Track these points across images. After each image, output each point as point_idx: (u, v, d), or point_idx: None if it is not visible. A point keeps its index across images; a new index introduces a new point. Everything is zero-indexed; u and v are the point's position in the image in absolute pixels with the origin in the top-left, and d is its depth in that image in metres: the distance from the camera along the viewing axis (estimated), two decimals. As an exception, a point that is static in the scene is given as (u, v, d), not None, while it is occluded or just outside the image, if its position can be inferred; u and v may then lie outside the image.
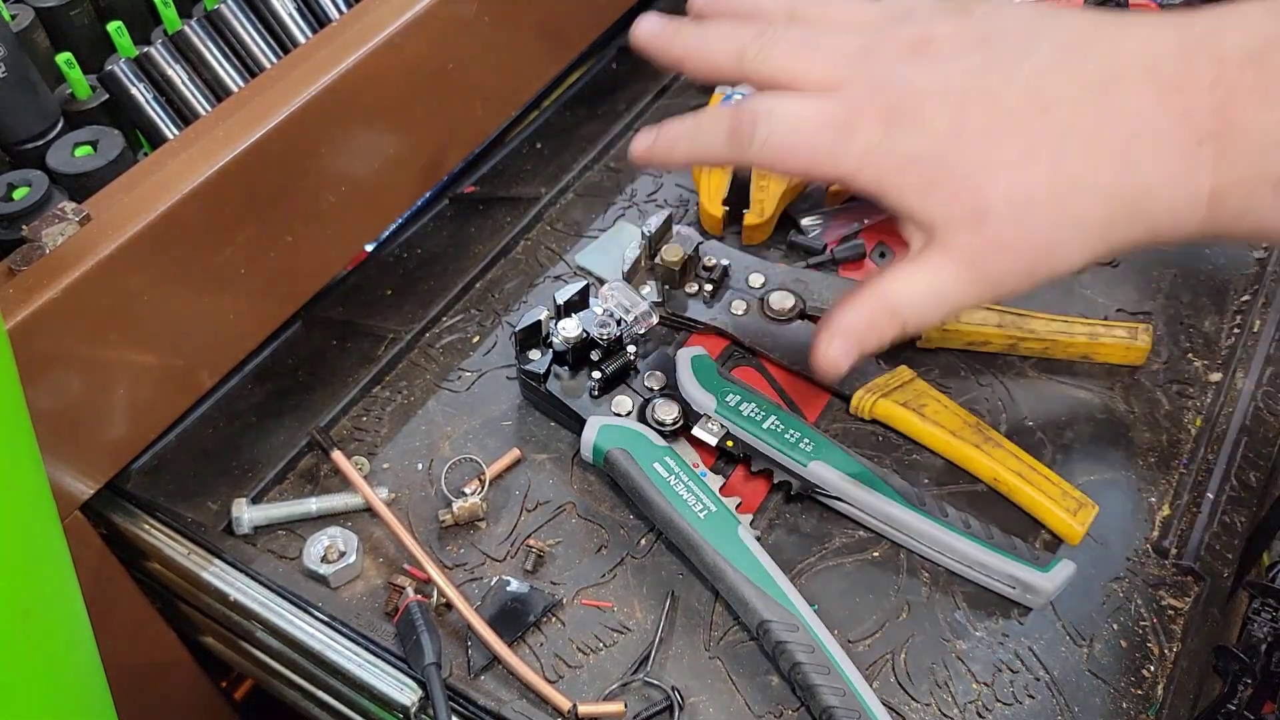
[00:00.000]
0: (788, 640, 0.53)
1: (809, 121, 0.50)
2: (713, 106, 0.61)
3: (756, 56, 0.52)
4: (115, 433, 0.60)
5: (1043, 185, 0.46)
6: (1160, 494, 0.62)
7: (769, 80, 0.52)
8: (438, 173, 0.78)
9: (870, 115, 0.49)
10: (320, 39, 0.68)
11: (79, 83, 0.67)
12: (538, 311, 0.66)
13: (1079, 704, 0.54)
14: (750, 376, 0.69)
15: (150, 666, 0.72)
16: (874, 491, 0.59)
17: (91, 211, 0.57)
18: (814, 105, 0.50)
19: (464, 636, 0.57)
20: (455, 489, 0.63)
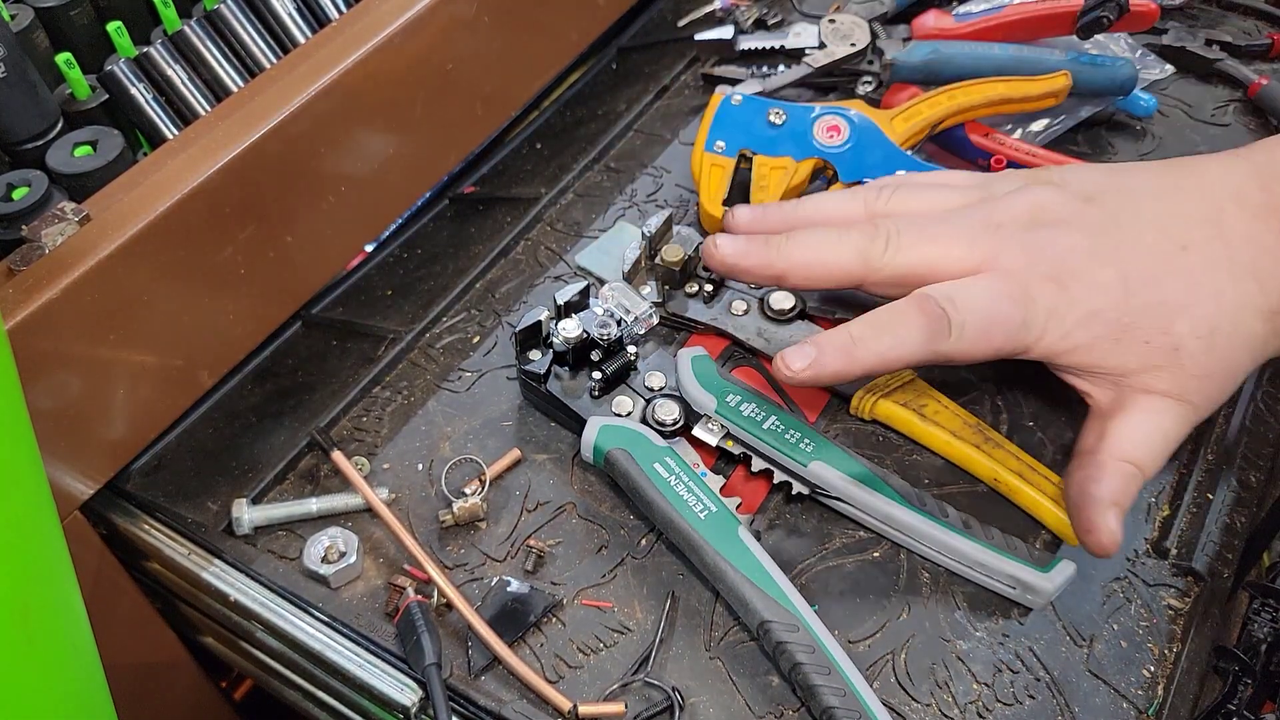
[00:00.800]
0: (788, 640, 0.53)
1: (995, 301, 0.53)
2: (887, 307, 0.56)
3: (884, 254, 0.56)
4: (115, 433, 0.60)
5: (1217, 314, 0.51)
6: (1160, 494, 0.62)
7: (904, 274, 0.55)
8: (438, 173, 0.78)
9: (1040, 282, 0.53)
10: (320, 39, 0.68)
11: (79, 83, 0.67)
12: (538, 312, 0.66)
13: (1079, 704, 0.54)
14: (750, 376, 0.69)
15: (150, 666, 0.72)
16: (874, 492, 0.58)
17: (91, 211, 0.57)
18: (987, 284, 0.53)
19: (464, 637, 0.57)
20: (455, 489, 0.63)
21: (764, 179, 0.71)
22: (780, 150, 0.71)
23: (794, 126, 0.71)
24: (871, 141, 0.71)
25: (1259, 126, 0.82)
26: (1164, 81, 0.86)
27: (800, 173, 0.70)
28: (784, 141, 0.71)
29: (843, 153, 0.70)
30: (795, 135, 0.71)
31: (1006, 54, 0.81)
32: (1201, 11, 0.92)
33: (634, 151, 0.86)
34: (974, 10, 0.85)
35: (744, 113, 0.72)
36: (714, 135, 0.72)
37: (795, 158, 0.71)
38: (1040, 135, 0.81)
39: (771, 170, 0.70)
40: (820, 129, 0.71)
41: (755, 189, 0.71)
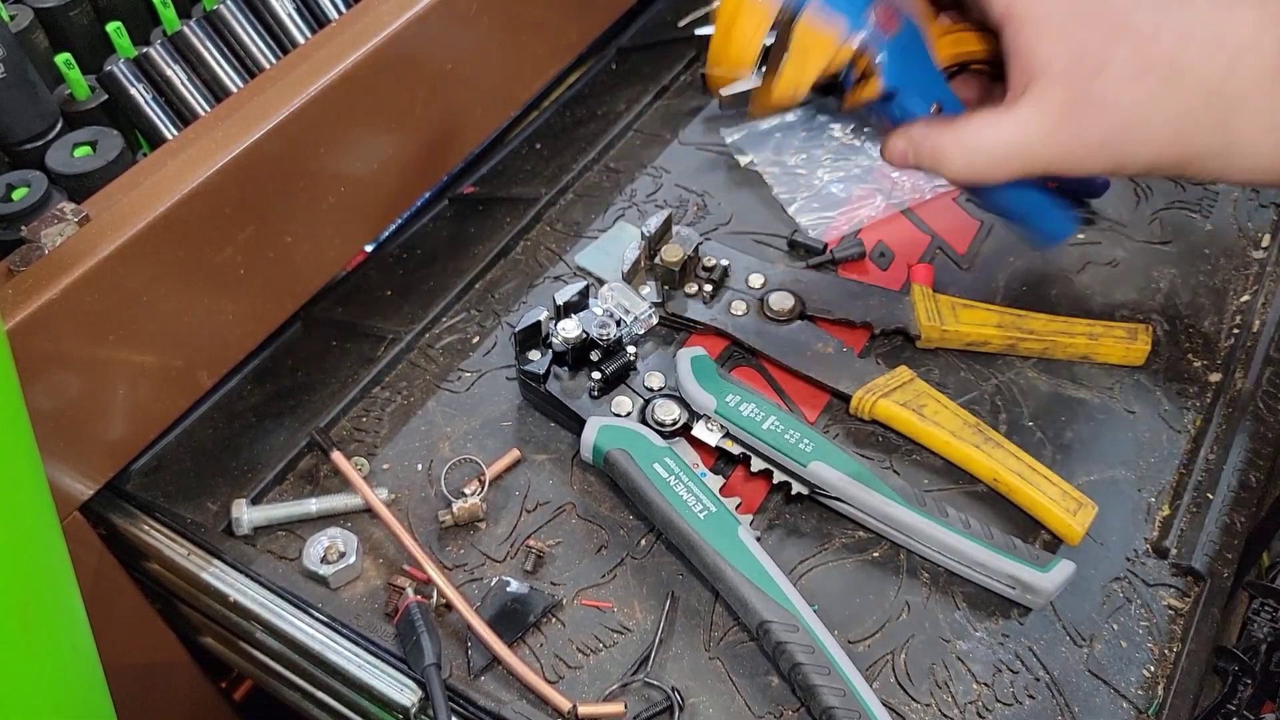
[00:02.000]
0: (788, 641, 0.53)
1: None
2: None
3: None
4: (115, 433, 0.60)
5: (1160, 61, 0.51)
6: (1160, 494, 0.62)
7: None
8: (437, 173, 0.78)
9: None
10: (319, 39, 0.68)
11: (78, 83, 0.67)
12: (537, 312, 0.66)
13: (1079, 704, 0.54)
14: (750, 377, 0.69)
15: (150, 667, 0.72)
16: (874, 492, 0.58)
17: (91, 212, 0.57)
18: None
19: (464, 637, 0.57)
20: (455, 489, 0.63)
21: (805, 46, 0.56)
22: (834, 13, 0.56)
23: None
24: (917, 51, 0.59)
25: (1259, 126, 0.82)
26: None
27: (842, 54, 0.57)
28: (840, 6, 0.56)
29: (889, 45, 0.57)
30: (852, 6, 0.57)
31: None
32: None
33: (633, 151, 0.86)
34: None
35: None
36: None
37: (846, 30, 0.56)
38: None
39: (815, 36, 0.56)
40: (875, 9, 0.57)
41: (793, 54, 0.56)
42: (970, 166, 0.56)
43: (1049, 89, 0.53)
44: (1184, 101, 0.51)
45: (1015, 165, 0.55)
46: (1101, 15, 0.52)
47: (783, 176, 0.81)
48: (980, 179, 0.57)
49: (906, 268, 0.74)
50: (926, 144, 0.57)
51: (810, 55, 0.56)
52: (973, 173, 0.56)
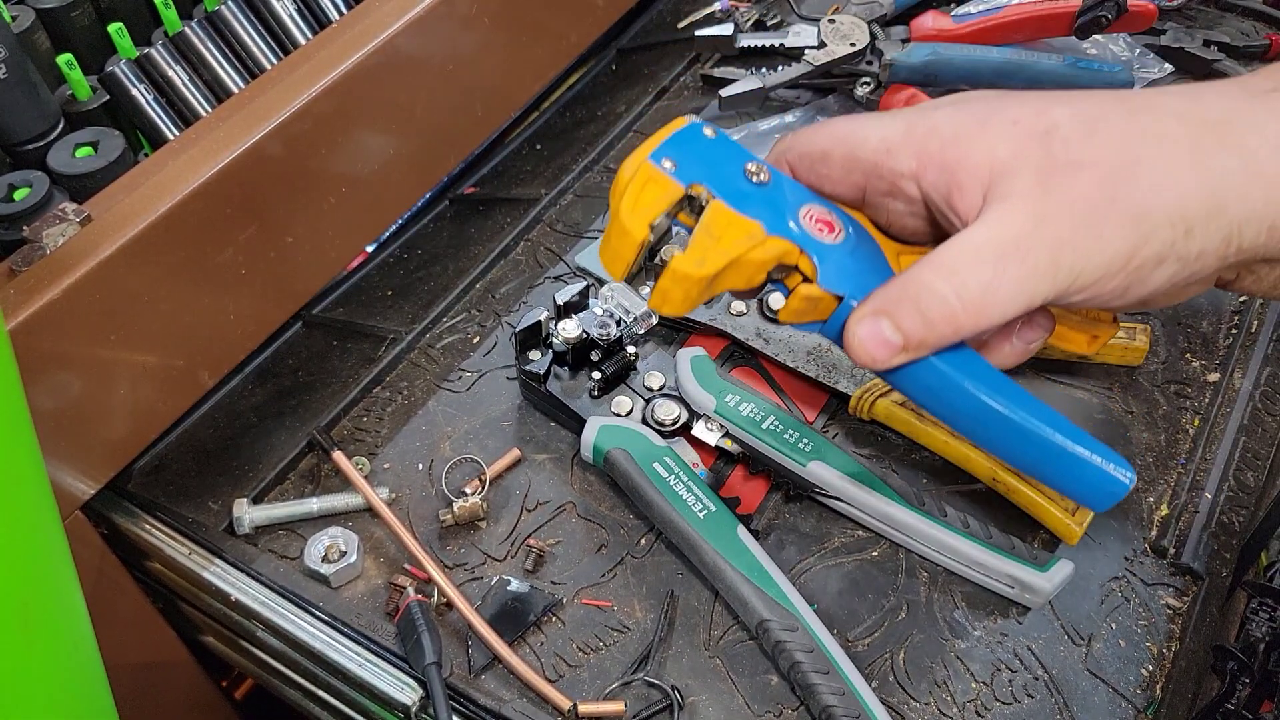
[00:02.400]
0: (787, 640, 0.53)
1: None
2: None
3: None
4: (116, 433, 0.60)
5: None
6: (1158, 494, 0.62)
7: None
8: (438, 173, 0.79)
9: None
10: (320, 40, 0.69)
11: (80, 84, 0.67)
12: (538, 312, 0.66)
13: (1077, 703, 0.54)
14: (750, 377, 0.69)
15: (150, 666, 0.72)
16: (873, 491, 0.59)
17: (92, 212, 0.57)
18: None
19: (464, 636, 0.57)
20: (455, 489, 0.64)
21: (718, 228, 0.45)
22: (749, 211, 0.46)
23: (776, 195, 0.47)
24: (869, 257, 0.48)
25: (1257, 127, 0.82)
26: (1163, 81, 0.86)
27: (768, 249, 0.45)
28: (757, 204, 0.46)
29: (831, 252, 0.46)
30: (774, 204, 0.47)
31: (1004, 57, 0.82)
32: (1199, 12, 0.92)
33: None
34: (972, 11, 0.86)
35: (716, 149, 0.47)
36: (666, 151, 0.46)
37: (768, 230, 0.45)
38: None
39: (731, 225, 0.45)
40: (808, 216, 0.47)
41: (700, 236, 0.45)
42: (961, 294, 0.41)
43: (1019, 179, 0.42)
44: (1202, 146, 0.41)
45: (1014, 274, 0.41)
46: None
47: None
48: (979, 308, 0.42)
49: (906, 268, 0.74)
50: (893, 300, 0.43)
51: (724, 237, 0.45)
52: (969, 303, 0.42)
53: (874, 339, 0.43)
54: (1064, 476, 0.45)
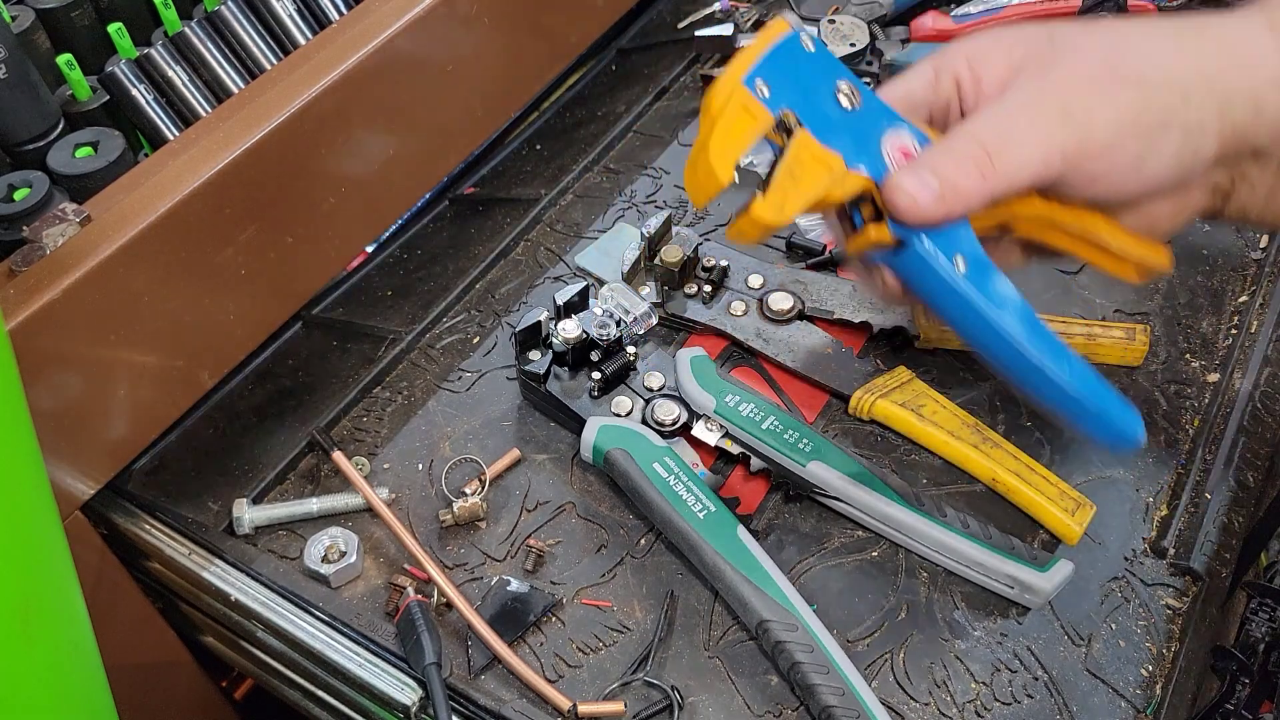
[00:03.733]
0: (787, 640, 0.53)
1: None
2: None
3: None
4: (116, 433, 0.60)
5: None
6: (1158, 494, 0.62)
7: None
8: (438, 173, 0.79)
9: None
10: (320, 40, 0.69)
11: (80, 84, 0.67)
12: (538, 312, 0.66)
13: (1077, 703, 0.54)
14: (750, 377, 0.69)
15: (150, 666, 0.72)
16: (872, 492, 0.59)
17: (92, 212, 0.57)
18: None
19: (464, 636, 0.57)
20: (455, 489, 0.64)
21: (800, 166, 0.47)
22: (834, 141, 0.47)
23: (863, 121, 0.48)
24: None
25: (1257, 127, 0.82)
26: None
27: (846, 186, 0.47)
28: (842, 132, 0.47)
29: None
30: (860, 132, 0.48)
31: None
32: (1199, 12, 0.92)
33: (633, 153, 0.86)
34: (972, 11, 0.86)
35: (809, 67, 0.47)
36: (762, 69, 0.46)
37: (848, 162, 0.47)
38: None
39: (813, 160, 0.46)
40: (891, 146, 0.48)
41: (782, 177, 0.46)
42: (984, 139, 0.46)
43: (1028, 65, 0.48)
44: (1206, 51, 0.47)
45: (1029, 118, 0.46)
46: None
47: (782, 177, 0.82)
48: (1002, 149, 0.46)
49: (905, 268, 0.75)
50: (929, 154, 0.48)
51: (804, 178, 0.46)
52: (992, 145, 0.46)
53: (915, 183, 0.46)
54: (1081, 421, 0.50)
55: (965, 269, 0.48)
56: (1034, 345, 0.48)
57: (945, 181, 0.46)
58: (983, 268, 0.49)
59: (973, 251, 0.49)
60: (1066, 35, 0.48)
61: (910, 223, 0.47)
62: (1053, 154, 0.46)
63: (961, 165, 0.46)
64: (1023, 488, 0.60)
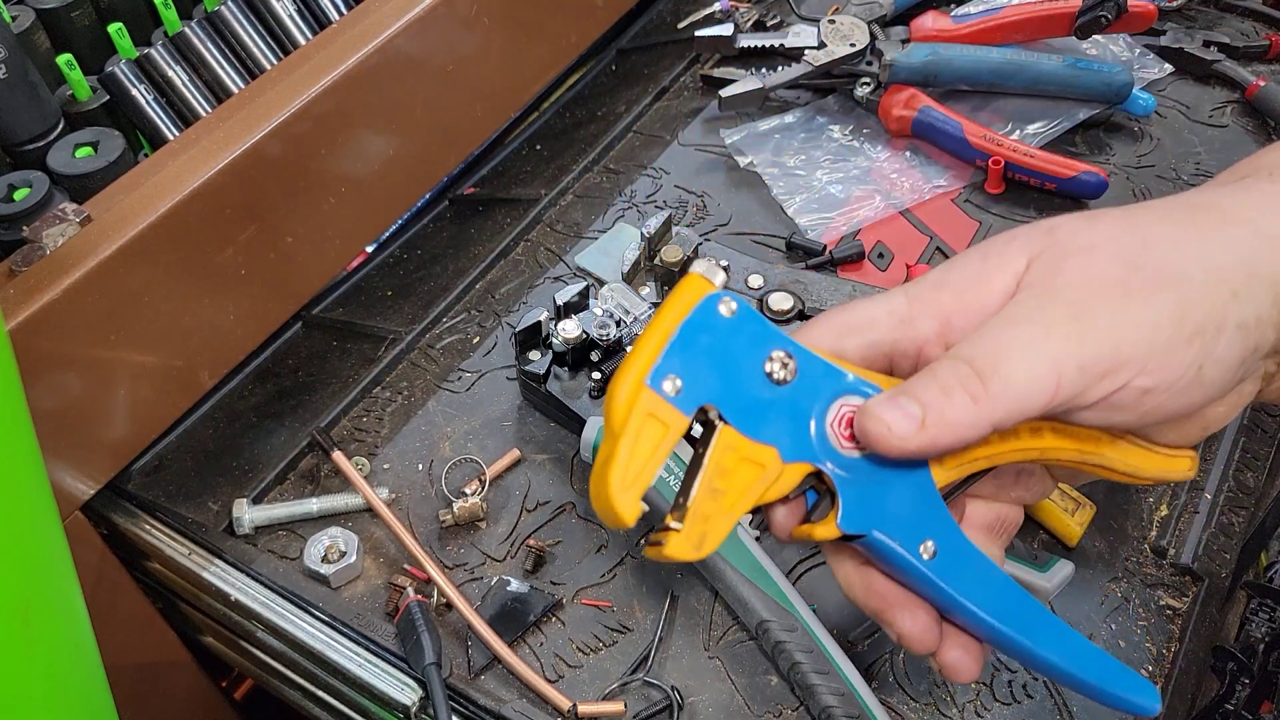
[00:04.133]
0: (786, 640, 0.53)
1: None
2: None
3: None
4: (116, 433, 0.60)
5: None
6: (1158, 494, 0.62)
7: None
8: (438, 174, 0.79)
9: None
10: (320, 40, 0.69)
11: (80, 84, 0.67)
12: (537, 313, 0.66)
13: (1077, 704, 0.54)
14: (749, 377, 0.69)
15: (150, 666, 0.72)
16: (873, 492, 0.58)
17: (92, 212, 0.57)
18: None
19: (464, 636, 0.57)
20: (455, 489, 0.64)
21: (725, 472, 0.38)
22: (764, 433, 0.38)
23: (802, 395, 0.39)
24: (906, 470, 0.41)
25: (1256, 128, 0.82)
26: (1162, 81, 0.86)
27: (784, 481, 0.39)
28: (775, 418, 0.39)
29: (858, 468, 0.40)
30: (797, 413, 0.39)
31: (1004, 58, 0.82)
32: (1199, 13, 0.92)
33: (633, 153, 0.86)
34: (972, 11, 0.86)
35: (731, 340, 0.38)
36: (670, 362, 0.37)
37: (784, 456, 0.39)
38: (1038, 136, 0.81)
39: (741, 463, 0.38)
40: (838, 417, 0.40)
41: (701, 497, 0.37)
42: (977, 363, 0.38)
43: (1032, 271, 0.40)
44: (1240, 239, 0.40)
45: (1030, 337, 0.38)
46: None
47: (782, 177, 0.82)
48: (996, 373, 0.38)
49: (905, 268, 0.75)
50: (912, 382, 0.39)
51: (732, 489, 0.38)
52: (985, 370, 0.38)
53: (893, 412, 0.38)
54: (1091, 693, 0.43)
55: (934, 554, 0.41)
56: (1018, 628, 0.41)
57: (930, 409, 0.38)
58: (956, 551, 0.41)
59: (943, 531, 0.41)
60: (1070, 231, 0.41)
61: (888, 455, 0.39)
62: (1066, 369, 0.38)
63: (948, 389, 0.38)
64: (1023, 488, 0.60)
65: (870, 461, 0.40)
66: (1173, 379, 0.39)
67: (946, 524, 0.41)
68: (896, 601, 0.42)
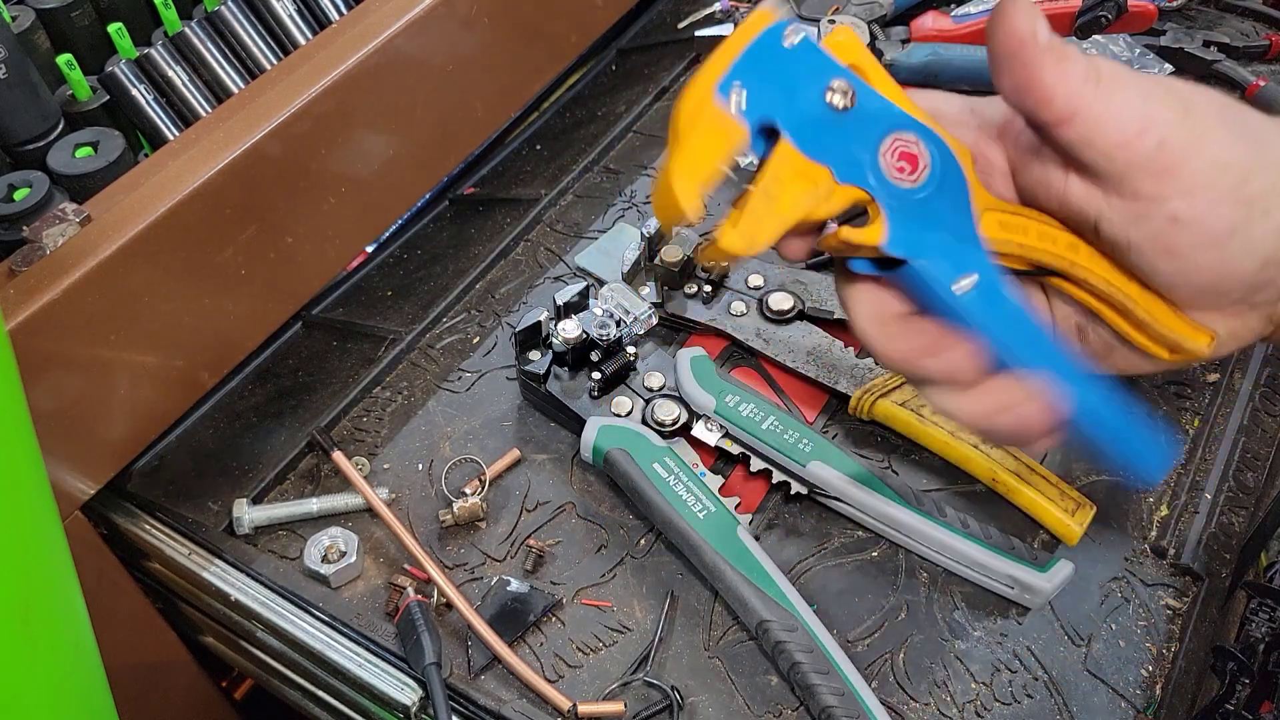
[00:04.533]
0: (786, 640, 0.53)
1: None
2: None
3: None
4: (116, 433, 0.60)
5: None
6: (1158, 494, 0.62)
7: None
8: (438, 174, 0.79)
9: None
10: (320, 40, 0.69)
11: (80, 84, 0.67)
12: (537, 312, 0.66)
13: (1077, 703, 0.54)
14: (750, 377, 0.69)
15: (150, 666, 0.72)
16: (872, 491, 0.59)
17: (92, 212, 0.57)
18: None
19: (464, 636, 0.57)
20: (455, 489, 0.64)
21: (780, 181, 0.40)
22: (820, 153, 0.40)
23: (858, 124, 0.41)
24: (952, 205, 0.42)
25: (1257, 127, 0.82)
26: (1162, 82, 0.86)
27: (833, 202, 0.41)
28: (834, 139, 0.41)
29: (906, 200, 0.42)
30: (853, 137, 0.41)
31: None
32: (1199, 13, 0.92)
33: (633, 153, 0.86)
34: (972, 11, 0.86)
35: (795, 65, 0.40)
36: (735, 77, 0.39)
37: (837, 176, 0.40)
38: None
39: (794, 176, 0.40)
40: (890, 151, 0.42)
41: (756, 199, 0.40)
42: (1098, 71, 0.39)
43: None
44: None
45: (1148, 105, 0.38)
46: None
47: (782, 177, 0.82)
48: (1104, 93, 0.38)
49: (905, 268, 0.75)
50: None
51: (783, 198, 0.40)
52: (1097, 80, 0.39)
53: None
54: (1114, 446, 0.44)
55: (973, 287, 0.42)
56: (1055, 370, 0.42)
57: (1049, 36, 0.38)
58: (992, 286, 0.43)
59: (981, 268, 0.42)
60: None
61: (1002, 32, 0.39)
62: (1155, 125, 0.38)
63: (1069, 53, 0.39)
64: (1023, 488, 0.60)
65: (918, 195, 0.42)
66: (1205, 224, 0.38)
67: (985, 264, 0.42)
68: (942, 335, 0.42)
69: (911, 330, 0.42)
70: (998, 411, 0.42)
